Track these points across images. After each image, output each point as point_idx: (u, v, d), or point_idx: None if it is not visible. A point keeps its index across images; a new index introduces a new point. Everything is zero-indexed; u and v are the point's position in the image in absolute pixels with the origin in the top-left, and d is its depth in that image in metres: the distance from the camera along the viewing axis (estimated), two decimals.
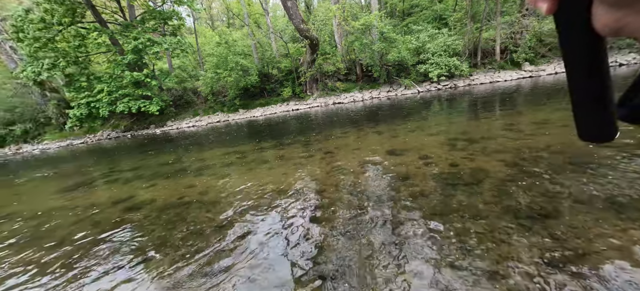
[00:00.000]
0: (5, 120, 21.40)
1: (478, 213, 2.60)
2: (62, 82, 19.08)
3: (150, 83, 16.86)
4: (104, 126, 20.69)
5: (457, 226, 2.44)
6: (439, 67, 15.03)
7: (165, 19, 17.80)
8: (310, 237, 2.63)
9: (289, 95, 18.66)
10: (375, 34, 16.36)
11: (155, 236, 3.12)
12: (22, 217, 4.53)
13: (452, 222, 2.51)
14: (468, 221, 2.49)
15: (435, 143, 5.06)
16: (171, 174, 5.93)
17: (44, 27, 14.55)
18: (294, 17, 15.23)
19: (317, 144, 6.59)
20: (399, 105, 11.48)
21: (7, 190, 7.12)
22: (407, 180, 3.53)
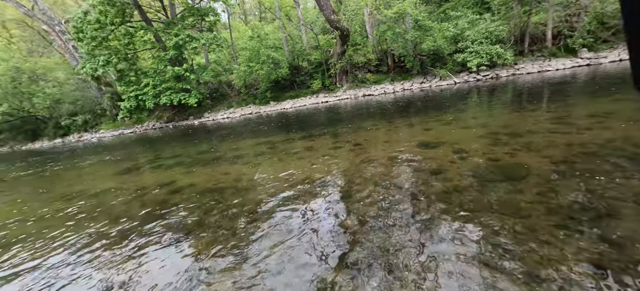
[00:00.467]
0: (69, 111, 24.29)
1: (519, 211, 2.43)
2: (114, 77, 21.09)
3: (189, 77, 17.95)
4: (150, 117, 22.54)
5: (494, 225, 2.30)
6: (478, 56, 14.00)
7: (202, 16, 18.72)
8: (337, 227, 2.66)
9: (319, 87, 18.70)
10: (409, 22, 15.65)
11: (195, 217, 3.37)
12: (86, 195, 5.16)
13: (489, 220, 2.37)
14: (507, 220, 2.33)
15: (472, 136, 4.77)
16: (208, 162, 6.32)
17: (99, 27, 16.11)
18: (324, 8, 15.11)
19: (346, 136, 6.56)
20: (433, 97, 10.96)
21: (75, 172, 8.14)
22: (440, 175, 3.39)
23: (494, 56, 13.90)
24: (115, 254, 2.84)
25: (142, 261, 2.62)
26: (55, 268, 2.76)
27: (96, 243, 3.14)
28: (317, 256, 2.28)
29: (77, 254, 2.97)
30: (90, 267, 2.68)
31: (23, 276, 2.69)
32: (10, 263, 2.99)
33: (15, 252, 3.23)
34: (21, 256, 3.10)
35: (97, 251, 2.97)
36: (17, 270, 2.84)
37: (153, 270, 2.46)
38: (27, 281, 2.60)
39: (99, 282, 2.42)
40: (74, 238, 3.37)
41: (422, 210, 2.68)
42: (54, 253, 3.05)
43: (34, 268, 2.81)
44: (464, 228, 2.31)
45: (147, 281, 2.32)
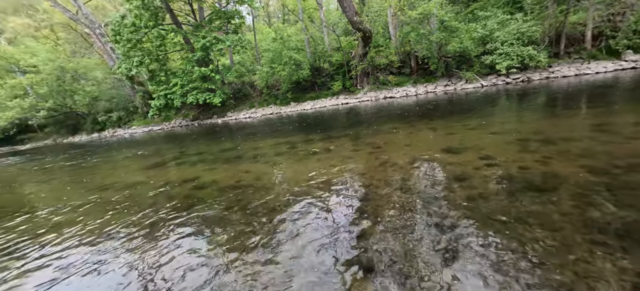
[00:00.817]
0: (105, 108, 26.06)
1: (551, 223, 2.28)
2: (146, 76, 22.35)
3: (214, 77, 18.62)
4: (177, 115, 23.65)
5: (522, 236, 2.17)
6: (508, 58, 13.31)
7: (228, 18, 19.37)
8: (355, 229, 2.64)
9: (339, 89, 18.67)
10: (434, 23, 15.21)
11: (217, 213, 3.49)
12: (119, 187, 5.50)
13: (517, 231, 2.25)
14: (538, 232, 2.20)
15: (500, 142, 4.55)
16: (230, 160, 6.52)
17: (134, 30, 17.15)
18: (347, 9, 15.08)
19: (366, 138, 6.49)
20: (458, 100, 10.56)
21: (110, 165, 8.72)
22: (465, 181, 3.26)
23: (526, 58, 13.14)
24: (143, 244, 3.00)
25: (167, 253, 2.75)
26: (89, 253, 2.97)
27: (126, 233, 3.34)
28: (333, 258, 2.27)
29: (108, 241, 3.17)
30: (120, 254, 2.85)
31: (64, 258, 2.92)
32: (53, 244, 3.25)
33: (57, 235, 3.51)
34: (62, 239, 3.36)
35: (126, 240, 3.16)
36: (58, 250, 3.08)
37: (177, 262, 2.57)
38: (64, 263, 2.82)
39: (127, 269, 2.57)
40: (107, 226, 3.60)
41: (444, 217, 2.59)
42: (89, 239, 3.28)
43: (71, 251, 3.04)
44: (490, 238, 2.20)
45: (172, 271, 2.43)
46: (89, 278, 2.52)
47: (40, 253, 3.13)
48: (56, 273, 2.67)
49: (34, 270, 2.80)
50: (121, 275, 2.50)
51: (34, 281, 2.61)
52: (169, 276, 2.37)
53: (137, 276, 2.44)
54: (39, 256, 3.05)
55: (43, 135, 29.82)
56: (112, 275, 2.51)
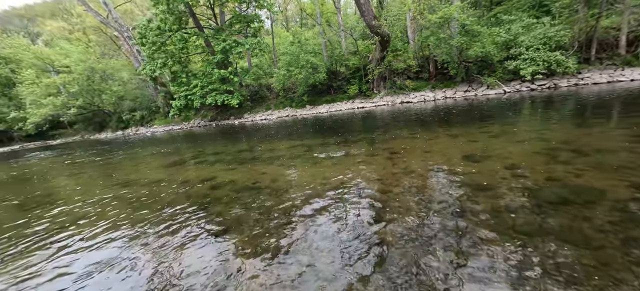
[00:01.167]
0: (130, 107, 27.27)
1: (586, 241, 2.12)
2: (168, 78, 23.20)
3: (233, 79, 19.05)
4: (196, 116, 24.36)
5: (554, 254, 2.03)
6: (534, 64, 12.75)
7: (248, 22, 19.82)
8: (371, 238, 2.57)
9: (355, 92, 18.57)
10: (455, 27, 14.85)
11: (233, 214, 3.52)
12: (140, 184, 5.70)
13: (547, 247, 2.10)
14: (571, 250, 2.05)
15: (527, 151, 4.32)
16: (246, 160, 6.60)
17: (159, 33, 17.89)
18: (366, 13, 15.02)
19: (383, 143, 6.39)
20: (479, 107, 10.21)
21: (133, 161, 9.08)
22: (488, 191, 3.11)
23: (553, 64, 12.55)
24: (160, 240, 3.07)
25: (184, 250, 2.80)
26: (110, 246, 3.07)
27: (146, 229, 3.43)
28: (348, 265, 2.22)
29: (129, 236, 3.27)
30: (139, 249, 2.93)
31: (86, 249, 3.04)
32: (79, 236, 3.39)
33: (82, 228, 3.67)
34: (87, 231, 3.51)
35: (146, 236, 3.24)
36: (83, 242, 3.21)
37: (194, 260, 2.60)
38: (86, 254, 2.93)
39: (144, 263, 2.63)
40: (128, 221, 3.72)
41: (466, 228, 2.48)
42: (111, 232, 3.40)
43: (94, 243, 3.16)
44: (517, 254, 2.08)
45: (188, 269, 2.46)
46: (107, 270, 2.60)
47: (66, 242, 3.28)
48: (78, 263, 2.78)
49: (60, 257, 2.93)
50: (138, 269, 2.56)
51: (57, 268, 2.72)
52: (184, 273, 2.40)
53: (153, 271, 2.49)
54: (64, 246, 3.19)
55: (72, 132, 31.60)
56: (129, 270, 2.58)
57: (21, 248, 3.34)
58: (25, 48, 30.00)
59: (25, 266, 2.90)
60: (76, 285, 2.46)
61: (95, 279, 2.52)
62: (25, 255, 3.14)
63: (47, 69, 29.03)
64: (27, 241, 3.50)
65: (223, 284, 2.20)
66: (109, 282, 2.44)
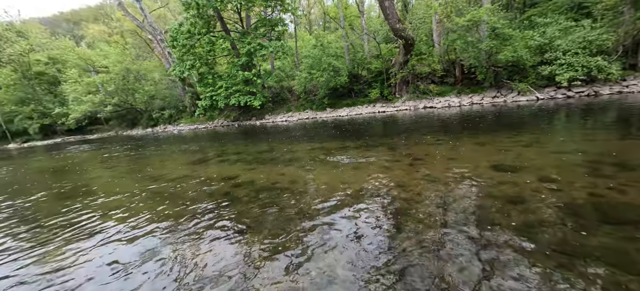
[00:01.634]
0: (159, 106, 28.74)
1: (635, 266, 1.91)
2: (196, 79, 24.20)
3: (256, 81, 19.52)
4: (220, 116, 25.18)
5: (596, 277, 1.85)
6: (572, 69, 11.88)
7: (273, 26, 20.26)
8: (390, 244, 2.49)
9: (377, 96, 18.31)
10: (484, 30, 14.22)
11: (253, 213, 3.57)
12: (167, 179, 5.97)
13: (590, 270, 1.92)
14: (616, 275, 1.86)
15: (564, 164, 4.02)
16: (266, 161, 6.70)
17: (189, 36, 18.74)
18: (390, 16, 14.81)
19: (405, 149, 6.22)
20: (509, 114, 9.67)
21: (160, 157, 9.55)
22: (520, 205, 2.91)
23: (593, 69, 11.62)
24: (184, 235, 3.18)
25: (205, 247, 2.87)
26: (137, 238, 3.22)
27: (169, 222, 3.57)
28: (367, 274, 2.16)
29: (154, 229, 3.42)
30: (163, 243, 3.04)
31: (115, 240, 3.22)
32: (110, 227, 3.60)
33: (113, 219, 3.89)
34: (117, 223, 3.71)
35: (170, 230, 3.37)
36: (112, 231, 3.40)
37: (214, 257, 2.66)
38: (116, 245, 3.10)
39: (169, 256, 2.73)
40: (155, 215, 3.90)
41: (495, 243, 2.33)
42: (138, 225, 3.57)
43: (121, 233, 3.34)
44: (555, 275, 1.92)
45: (208, 265, 2.52)
46: (132, 260, 2.73)
47: (99, 232, 3.49)
48: (106, 252, 2.94)
49: (92, 245, 3.12)
50: (161, 262, 2.66)
51: (88, 256, 2.90)
52: (204, 269, 2.46)
53: (175, 265, 2.57)
54: (97, 234, 3.40)
55: (107, 127, 33.86)
56: (152, 262, 2.69)
57: (61, 235, 3.60)
58: (71, 49, 32.68)
59: (62, 253, 3.12)
60: (103, 271, 2.61)
61: (120, 267, 2.65)
62: (64, 243, 3.38)
63: (88, 68, 31.41)
64: (65, 230, 3.77)
65: (242, 284, 2.22)
66: (132, 272, 2.55)
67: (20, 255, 3.15)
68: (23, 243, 3.48)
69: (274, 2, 18.95)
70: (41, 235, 3.65)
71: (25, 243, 3.48)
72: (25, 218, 4.45)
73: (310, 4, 35.60)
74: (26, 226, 4.06)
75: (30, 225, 4.12)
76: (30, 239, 3.59)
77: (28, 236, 3.69)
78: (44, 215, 4.47)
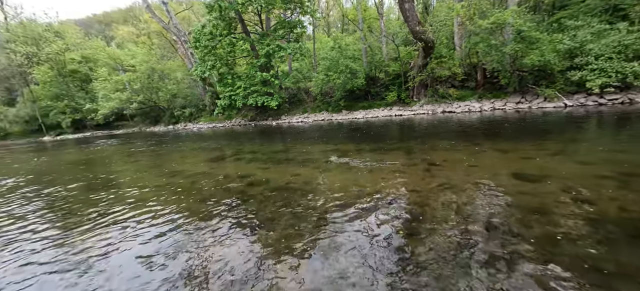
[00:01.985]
0: (181, 104, 29.83)
1: None
2: (216, 79, 24.92)
3: (273, 82, 19.82)
4: (237, 115, 25.76)
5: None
6: (605, 75, 11.19)
7: (291, 28, 20.53)
8: (404, 250, 2.45)
9: (394, 99, 18.06)
10: (509, 33, 13.68)
11: (267, 212, 3.63)
12: (186, 175, 6.19)
13: (617, 287, 1.81)
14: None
15: (592, 174, 3.79)
16: (281, 161, 6.79)
17: (211, 37, 19.36)
18: (410, 19, 14.58)
19: (421, 154, 6.10)
20: (533, 121, 9.24)
21: (180, 154, 9.91)
22: (543, 216, 2.78)
23: (629, 76, 10.88)
24: (200, 231, 3.28)
25: (220, 242, 2.95)
26: (155, 231, 3.37)
27: (186, 217, 3.70)
28: (380, 279, 2.14)
29: (172, 223, 3.56)
30: (179, 237, 3.16)
31: (136, 231, 3.38)
32: (133, 217, 3.79)
33: (135, 211, 4.08)
34: (138, 215, 3.90)
35: (187, 225, 3.50)
36: (134, 223, 3.58)
37: (228, 253, 2.73)
38: (135, 236, 3.25)
39: (184, 250, 2.83)
40: (173, 209, 4.05)
41: (514, 255, 2.24)
42: (157, 218, 3.73)
43: (142, 226, 3.50)
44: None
45: (222, 260, 2.59)
46: (149, 252, 2.85)
47: (123, 220, 3.68)
48: (128, 240, 3.10)
49: (113, 235, 3.30)
50: (176, 254, 2.77)
51: (110, 244, 3.06)
52: (218, 264, 2.53)
53: (189, 258, 2.66)
54: (120, 223, 3.59)
55: (132, 123, 35.51)
56: (168, 254, 2.80)
57: (88, 224, 3.83)
58: (102, 49, 34.67)
59: (88, 239, 3.32)
60: (125, 259, 2.75)
61: (140, 257, 2.78)
62: (90, 230, 3.59)
63: (116, 67, 33.18)
64: (92, 218, 4.00)
65: (254, 280, 2.27)
66: (152, 262, 2.67)
67: (51, 239, 3.38)
68: (53, 229, 3.73)
69: (294, 5, 19.19)
70: (70, 221, 3.90)
71: (56, 229, 3.73)
72: (57, 206, 4.76)
73: (329, 7, 35.73)
74: (58, 213, 4.35)
75: (62, 212, 4.41)
76: (60, 226, 3.84)
77: (59, 223, 3.95)
78: (74, 204, 4.77)
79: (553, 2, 17.52)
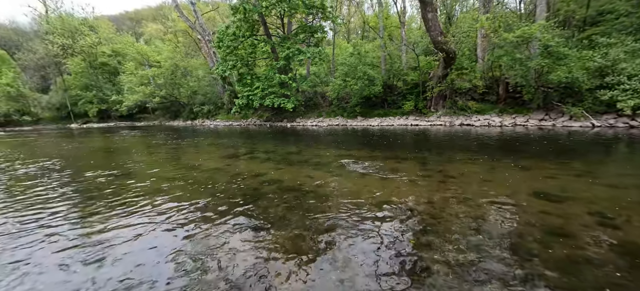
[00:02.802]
0: (201, 101, 30.73)
1: None
2: (235, 78, 25.54)
3: (291, 84, 20.07)
4: (253, 115, 26.22)
5: None
6: (637, 96, 10.59)
7: (312, 32, 20.79)
8: (414, 261, 2.41)
9: (410, 109, 17.81)
10: (535, 47, 13.22)
11: (279, 212, 3.67)
12: (201, 170, 6.36)
13: None
14: None
15: (620, 198, 3.58)
16: (294, 162, 6.84)
17: (234, 38, 19.92)
18: (432, 28, 14.41)
19: (436, 165, 5.98)
20: (558, 139, 8.84)
21: (197, 149, 10.20)
22: (566, 238, 2.65)
23: None
24: (213, 225, 3.36)
25: (231, 238, 3.01)
26: (170, 222, 3.48)
27: (201, 211, 3.80)
28: (382, 285, 2.11)
29: (187, 215, 3.66)
30: (193, 230, 3.25)
31: (156, 221, 3.50)
32: (148, 208, 3.93)
33: (152, 201, 4.24)
34: (155, 205, 4.04)
35: (201, 218, 3.59)
36: (150, 213, 3.71)
37: (237, 250, 2.78)
38: (149, 227, 3.37)
39: (196, 242, 2.90)
40: (188, 200, 4.17)
41: (531, 275, 2.15)
42: (172, 210, 3.85)
43: (157, 217, 3.62)
44: None
45: (233, 256, 2.64)
46: (163, 242, 2.94)
47: (139, 209, 3.82)
48: (142, 230, 3.21)
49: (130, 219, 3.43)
50: (189, 246, 2.84)
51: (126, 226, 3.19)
52: (228, 259, 2.58)
53: (201, 251, 2.73)
54: (136, 212, 3.73)
55: (153, 117, 36.91)
56: (181, 246, 2.88)
57: (104, 212, 4.01)
58: (131, 44, 36.42)
59: (102, 228, 3.47)
60: (137, 247, 2.85)
61: (150, 249, 2.87)
62: (105, 218, 3.76)
63: (143, 62, 34.71)
64: (110, 205, 4.19)
65: (262, 277, 2.30)
66: (159, 254, 2.76)
67: (71, 221, 3.56)
68: (75, 211, 3.93)
69: (316, 10, 19.42)
70: (91, 207, 4.10)
71: (76, 213, 3.94)
72: (80, 191, 5.02)
73: (350, 13, 35.89)
74: (80, 198, 4.59)
75: (84, 197, 4.64)
76: (79, 211, 4.04)
77: (79, 208, 4.16)
78: (96, 190, 5.01)
79: (585, 18, 16.82)
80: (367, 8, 33.97)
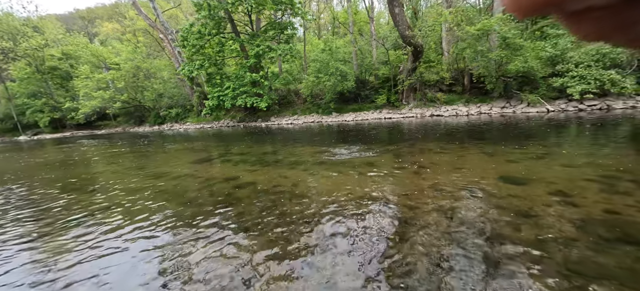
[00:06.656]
0: (167, 104, 29.08)
1: None
2: (204, 79, 24.47)
3: (263, 83, 19.62)
4: (226, 116, 25.34)
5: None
6: (584, 82, 11.65)
7: (282, 29, 20.39)
8: (393, 254, 2.39)
9: (383, 102, 18.21)
10: (495, 40, 14.06)
11: (253, 215, 3.50)
12: (169, 177, 5.95)
13: (604, 290, 1.80)
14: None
15: (576, 177, 3.86)
16: (269, 163, 6.64)
17: (200, 36, 18.98)
18: (400, 23, 14.76)
19: (410, 156, 6.11)
20: (517, 125, 9.47)
21: (165, 155, 9.58)
22: (531, 219, 2.78)
23: (606, 83, 11.37)
24: (182, 234, 3.12)
25: (203, 247, 2.80)
26: (135, 235, 3.17)
27: (169, 221, 3.52)
28: (368, 284, 2.06)
29: (153, 226, 3.37)
30: (161, 241, 2.99)
31: (112, 236, 3.17)
32: (110, 221, 3.57)
33: (113, 214, 3.86)
34: (116, 218, 3.68)
35: (169, 228, 3.32)
36: (110, 227, 3.36)
37: (212, 257, 2.59)
38: (111, 240, 3.05)
39: (165, 254, 2.66)
40: (155, 212, 3.85)
41: (504, 259, 2.21)
42: (137, 221, 3.53)
43: (119, 230, 3.29)
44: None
45: (206, 265, 2.45)
46: (126, 256, 2.67)
47: (99, 224, 3.45)
48: (103, 245, 2.90)
49: (87, 240, 3.08)
50: (156, 259, 2.60)
51: (83, 250, 2.85)
52: (201, 269, 2.38)
53: (171, 263, 2.50)
54: (96, 226, 3.36)
55: (115, 123, 34.36)
56: (146, 259, 2.63)
57: (63, 227, 3.58)
58: (84, 46, 33.41)
59: (59, 245, 3.09)
60: (97, 266, 2.56)
61: (113, 263, 2.59)
62: (63, 234, 3.35)
63: (99, 65, 32.04)
64: (67, 222, 3.75)
65: (239, 285, 2.14)
66: (125, 268, 2.50)
67: (22, 243, 3.13)
68: (26, 231, 3.47)
69: (284, 6, 19.08)
70: (44, 224, 3.64)
71: (29, 231, 3.47)
72: (32, 209, 4.46)
73: (320, 9, 35.82)
74: (31, 217, 4.07)
75: (38, 215, 4.12)
76: (32, 229, 3.58)
77: (31, 227, 3.68)
78: (48, 206, 4.47)
79: None
80: (336, 4, 34.16)
